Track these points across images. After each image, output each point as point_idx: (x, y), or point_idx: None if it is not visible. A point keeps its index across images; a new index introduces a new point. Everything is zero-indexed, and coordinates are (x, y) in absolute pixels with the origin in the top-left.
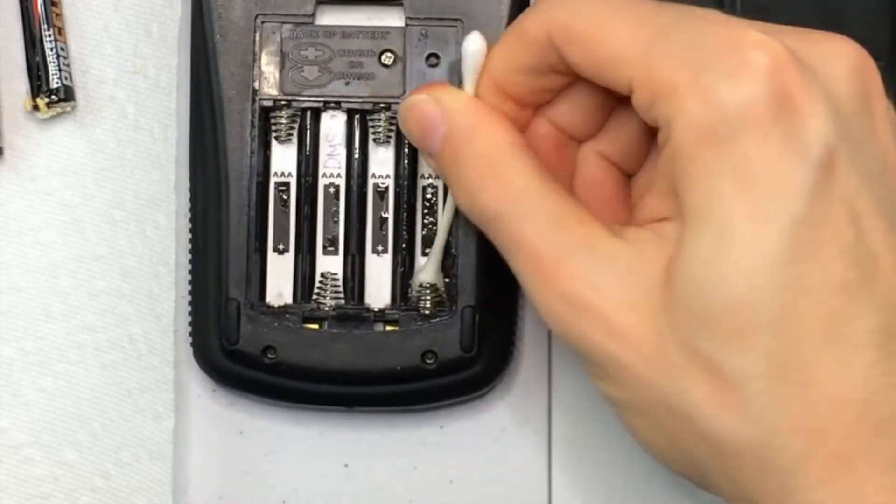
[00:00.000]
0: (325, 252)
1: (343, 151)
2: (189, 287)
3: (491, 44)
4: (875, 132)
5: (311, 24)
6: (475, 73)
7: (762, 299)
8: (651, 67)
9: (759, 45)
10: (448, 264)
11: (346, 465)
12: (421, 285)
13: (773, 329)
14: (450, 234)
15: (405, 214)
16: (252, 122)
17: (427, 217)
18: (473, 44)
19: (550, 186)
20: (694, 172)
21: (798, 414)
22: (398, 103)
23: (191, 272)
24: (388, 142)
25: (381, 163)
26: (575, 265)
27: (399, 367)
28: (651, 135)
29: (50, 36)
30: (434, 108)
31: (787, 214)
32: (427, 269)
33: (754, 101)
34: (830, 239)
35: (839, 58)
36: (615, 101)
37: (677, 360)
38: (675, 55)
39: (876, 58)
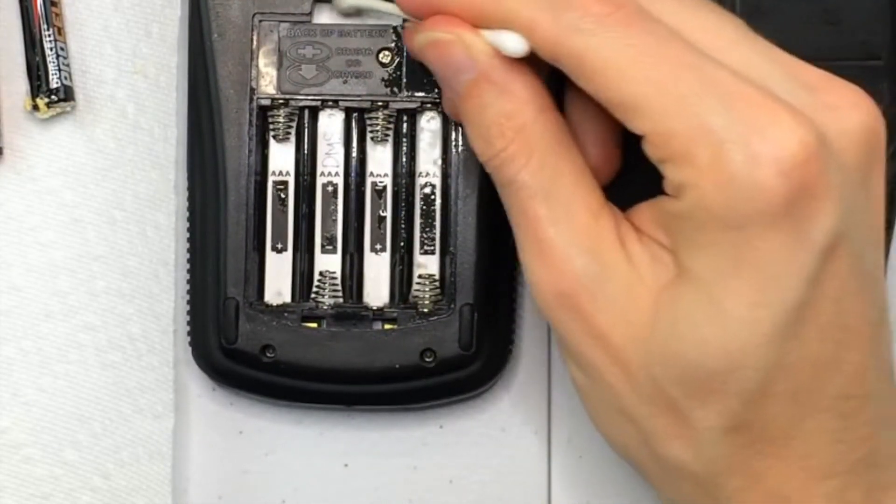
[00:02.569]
0: (324, 251)
1: (341, 150)
2: (188, 286)
3: None
4: (870, 203)
5: (309, 22)
6: None
7: (738, 373)
8: (670, 132)
9: (791, 132)
10: (446, 262)
11: (345, 465)
12: (420, 276)
13: (741, 397)
14: None
15: (403, 213)
16: (250, 120)
17: (425, 215)
18: None
19: (572, 166)
20: (698, 242)
21: (744, 460)
22: (396, 102)
23: (189, 271)
24: (386, 140)
25: (379, 161)
26: (578, 266)
27: (398, 366)
28: None
29: (50, 36)
30: (461, 51)
31: (782, 301)
32: None
33: (771, 194)
34: (813, 317)
35: (853, 124)
36: None
37: (646, 386)
38: (697, 125)
39: (875, 57)
